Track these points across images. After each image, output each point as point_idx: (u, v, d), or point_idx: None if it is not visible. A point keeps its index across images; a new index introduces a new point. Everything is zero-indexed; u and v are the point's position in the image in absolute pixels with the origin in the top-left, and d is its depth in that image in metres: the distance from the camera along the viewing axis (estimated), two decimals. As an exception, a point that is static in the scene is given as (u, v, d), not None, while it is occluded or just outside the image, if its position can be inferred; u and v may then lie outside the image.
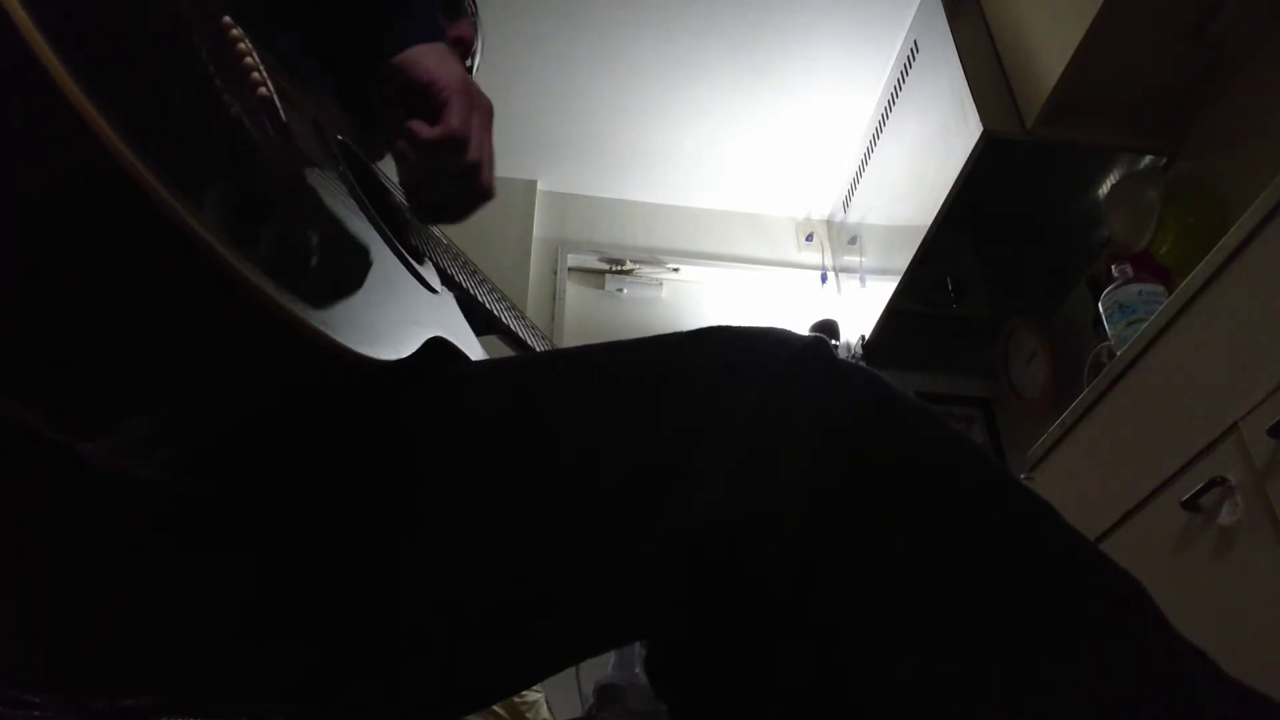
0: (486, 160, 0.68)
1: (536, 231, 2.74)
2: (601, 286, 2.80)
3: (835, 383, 0.45)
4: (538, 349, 0.96)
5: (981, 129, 1.90)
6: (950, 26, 2.08)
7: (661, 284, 2.82)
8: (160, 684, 0.46)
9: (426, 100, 0.65)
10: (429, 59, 0.67)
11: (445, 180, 0.67)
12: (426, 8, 0.72)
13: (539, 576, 0.46)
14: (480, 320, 0.84)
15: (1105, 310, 1.75)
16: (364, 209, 0.60)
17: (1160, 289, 1.71)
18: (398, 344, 0.50)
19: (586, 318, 2.71)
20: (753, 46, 2.41)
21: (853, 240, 2.67)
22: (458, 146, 0.65)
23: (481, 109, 0.68)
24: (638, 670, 1.50)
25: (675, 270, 2.83)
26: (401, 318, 0.56)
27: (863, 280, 2.57)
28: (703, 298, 2.84)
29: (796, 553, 0.40)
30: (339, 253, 0.52)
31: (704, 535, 0.41)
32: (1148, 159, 2.01)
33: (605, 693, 1.47)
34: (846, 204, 2.73)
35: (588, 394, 0.50)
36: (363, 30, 0.69)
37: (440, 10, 0.88)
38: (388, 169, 0.78)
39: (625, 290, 2.80)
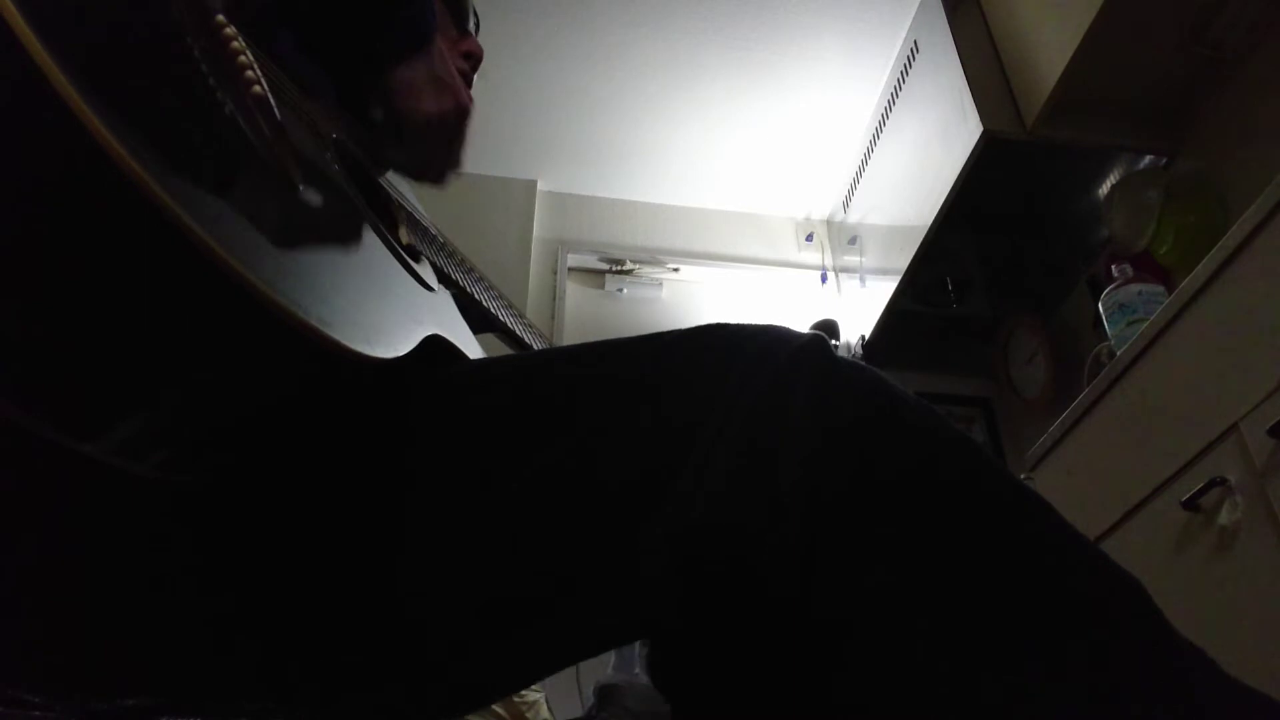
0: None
1: (536, 231, 2.74)
2: (601, 286, 2.80)
3: (836, 381, 0.45)
4: (535, 346, 0.96)
5: (981, 129, 1.90)
6: (950, 26, 2.08)
7: (661, 284, 2.82)
8: (160, 684, 0.46)
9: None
10: (413, 87, 0.71)
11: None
12: (420, 5, 0.73)
13: (538, 575, 0.46)
14: (477, 318, 0.84)
15: (1105, 310, 1.75)
16: (360, 207, 0.60)
17: (1160, 289, 1.71)
18: (396, 342, 0.50)
19: (586, 318, 2.71)
20: (753, 46, 2.40)
21: (853, 240, 2.67)
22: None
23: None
24: (638, 670, 1.50)
25: (675, 270, 2.83)
26: (399, 316, 0.56)
27: (863, 280, 2.56)
28: (703, 298, 2.84)
29: (797, 551, 0.40)
30: (336, 251, 0.52)
31: (704, 534, 0.41)
32: (1148, 159, 2.01)
33: (605, 693, 1.47)
34: (846, 204, 2.73)
35: (587, 393, 0.50)
36: (359, 31, 0.69)
37: (450, 20, 0.88)
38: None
39: (625, 290, 2.80)
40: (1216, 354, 1.28)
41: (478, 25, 0.95)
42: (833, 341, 0.47)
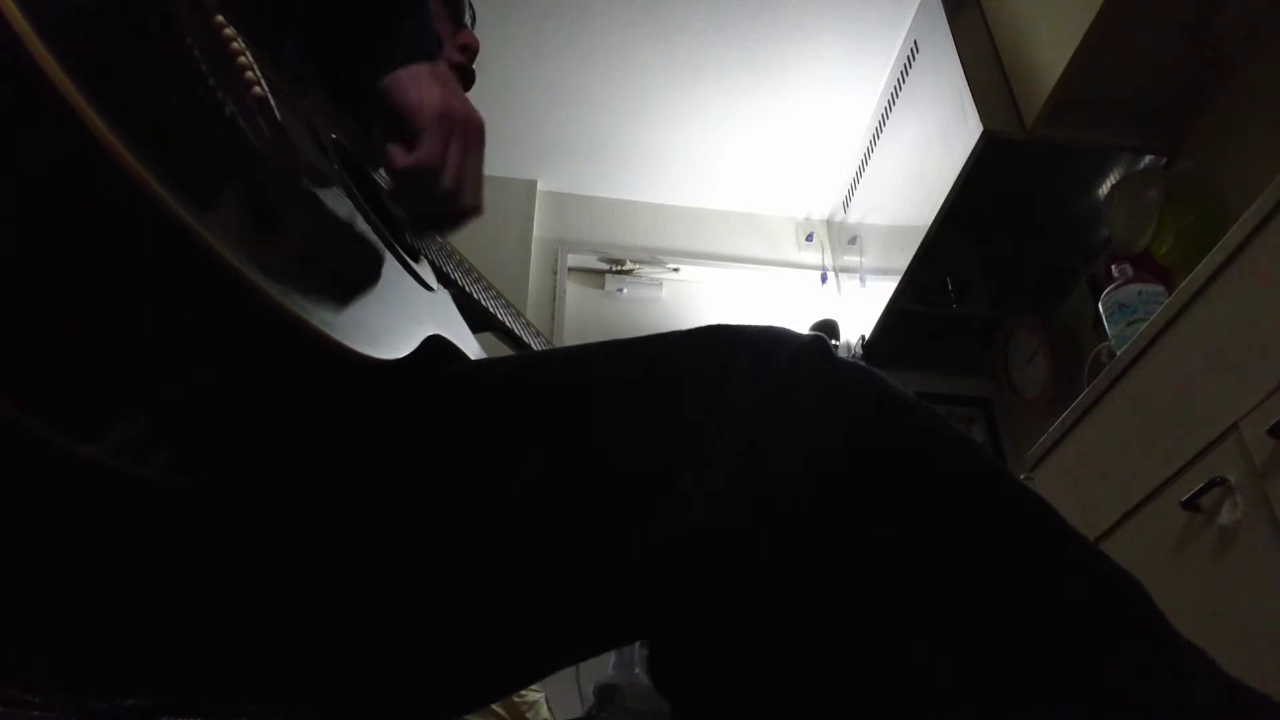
0: (467, 184, 0.70)
1: (536, 231, 2.74)
2: (601, 286, 2.80)
3: (835, 382, 0.45)
4: (534, 346, 0.97)
5: (981, 129, 1.90)
6: (950, 26, 2.08)
7: (661, 284, 2.82)
8: (160, 684, 0.46)
9: (407, 126, 0.68)
10: (414, 85, 0.68)
11: (422, 201, 0.70)
12: (422, 20, 0.73)
13: (540, 575, 0.46)
14: (477, 318, 0.85)
15: (1105, 310, 1.75)
16: (360, 208, 0.60)
17: (1160, 289, 1.71)
18: (397, 342, 0.50)
19: (586, 318, 2.71)
20: (752, 46, 2.40)
21: (853, 240, 2.67)
22: (428, 177, 0.67)
23: (464, 133, 0.69)
24: (638, 670, 1.50)
25: (675, 270, 2.83)
26: (400, 315, 0.56)
27: (863, 280, 2.57)
28: (703, 298, 2.84)
29: (797, 552, 0.40)
30: (337, 251, 0.52)
31: (705, 534, 0.41)
32: (1148, 159, 2.01)
33: (605, 693, 1.47)
34: (846, 204, 2.73)
35: (587, 393, 0.50)
36: (359, 36, 0.70)
37: (446, 14, 0.88)
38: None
39: (625, 290, 2.80)
40: (1216, 354, 1.28)
41: (474, 20, 0.96)
42: (833, 342, 0.47)
